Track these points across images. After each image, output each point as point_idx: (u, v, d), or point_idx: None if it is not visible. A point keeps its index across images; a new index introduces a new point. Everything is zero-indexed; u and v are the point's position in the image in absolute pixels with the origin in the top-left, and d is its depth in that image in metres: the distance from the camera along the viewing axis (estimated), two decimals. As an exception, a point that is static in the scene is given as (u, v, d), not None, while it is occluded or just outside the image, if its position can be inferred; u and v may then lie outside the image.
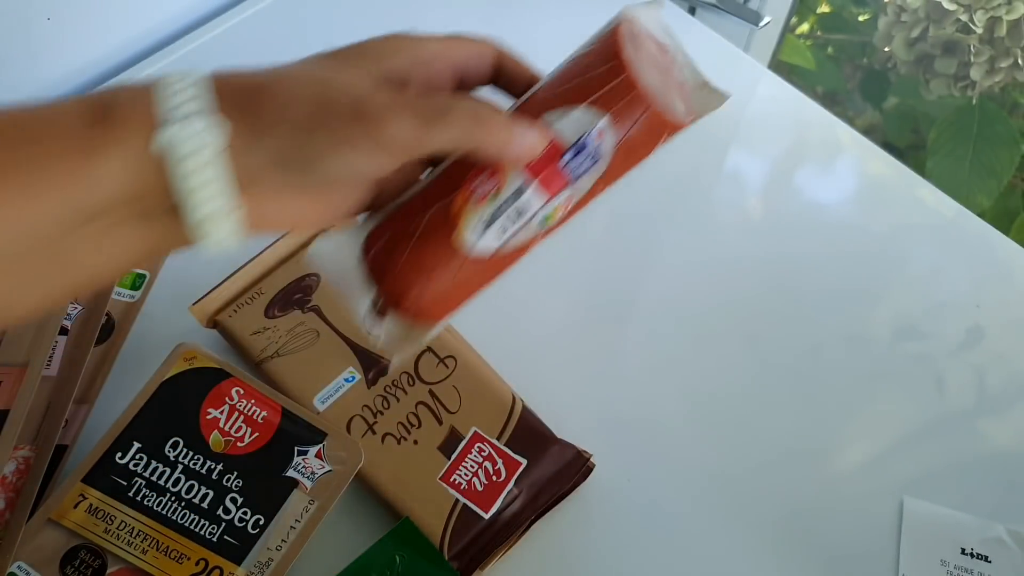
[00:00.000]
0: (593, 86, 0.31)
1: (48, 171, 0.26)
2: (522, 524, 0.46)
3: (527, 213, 0.31)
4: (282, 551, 0.44)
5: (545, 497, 0.47)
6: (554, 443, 0.48)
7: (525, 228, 0.31)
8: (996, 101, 1.08)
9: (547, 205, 0.31)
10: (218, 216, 0.27)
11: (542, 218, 0.31)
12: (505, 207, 0.30)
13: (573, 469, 0.48)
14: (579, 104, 0.31)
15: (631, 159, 0.32)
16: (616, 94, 0.30)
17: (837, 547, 0.48)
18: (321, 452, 0.47)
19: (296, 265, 0.53)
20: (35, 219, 0.26)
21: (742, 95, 0.70)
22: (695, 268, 0.58)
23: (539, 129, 0.30)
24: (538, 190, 0.30)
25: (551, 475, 0.47)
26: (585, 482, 0.48)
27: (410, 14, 0.73)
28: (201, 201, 0.27)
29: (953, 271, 0.60)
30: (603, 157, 0.31)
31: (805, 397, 0.53)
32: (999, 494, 0.50)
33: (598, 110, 0.30)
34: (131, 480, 0.45)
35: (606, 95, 0.30)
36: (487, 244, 0.31)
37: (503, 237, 0.31)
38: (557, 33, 0.74)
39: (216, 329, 0.52)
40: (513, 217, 0.31)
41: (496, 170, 0.31)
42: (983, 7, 1.00)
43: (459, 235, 0.31)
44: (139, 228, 0.28)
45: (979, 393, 0.54)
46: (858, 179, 0.65)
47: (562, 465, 0.48)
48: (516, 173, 0.30)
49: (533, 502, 0.46)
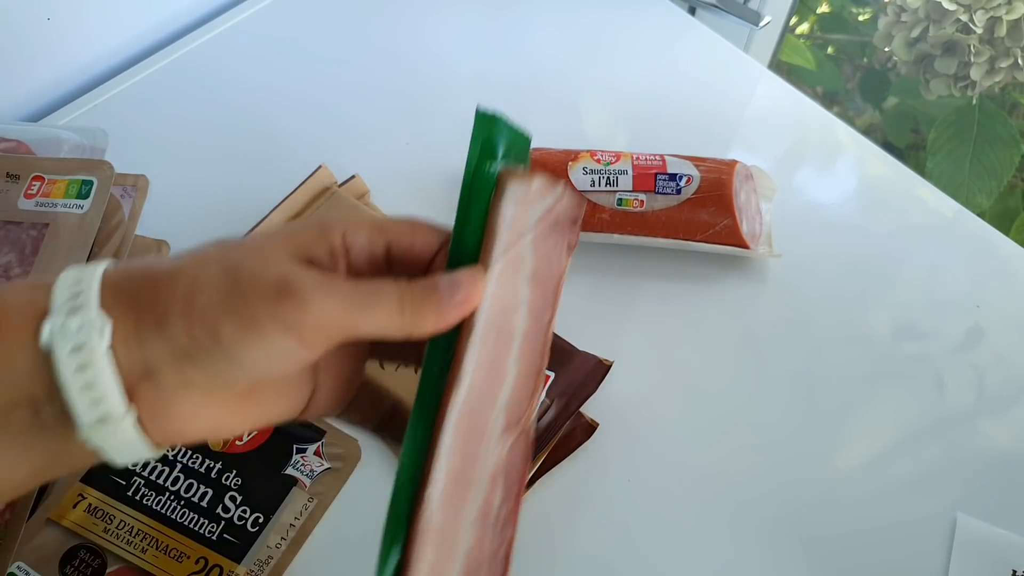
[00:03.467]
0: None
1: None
2: (558, 430, 0.49)
3: None
4: (282, 549, 0.44)
5: (575, 403, 0.50)
6: (576, 355, 0.52)
7: None
8: (996, 101, 1.08)
9: None
10: (111, 419, 0.24)
11: None
12: None
13: (596, 375, 0.51)
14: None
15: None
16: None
17: (833, 548, 0.48)
18: (320, 449, 0.47)
19: (306, 222, 0.54)
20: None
21: (742, 96, 0.70)
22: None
23: (470, 285, 0.28)
24: None
25: (578, 383, 0.50)
26: (585, 482, 0.49)
27: (410, 14, 0.73)
28: (90, 402, 0.24)
29: (953, 271, 0.60)
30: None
31: (804, 397, 0.53)
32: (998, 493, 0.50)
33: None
34: (130, 479, 0.45)
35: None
36: None
37: None
38: (557, 33, 0.75)
39: None
40: None
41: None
42: (983, 7, 1.00)
43: None
44: (29, 437, 0.24)
45: (979, 393, 0.54)
46: (858, 179, 0.65)
47: (585, 373, 0.51)
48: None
49: (566, 409, 0.49)
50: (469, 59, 0.71)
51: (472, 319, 0.28)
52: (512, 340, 0.29)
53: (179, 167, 0.62)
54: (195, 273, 0.25)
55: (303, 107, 0.66)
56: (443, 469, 0.27)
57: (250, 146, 0.64)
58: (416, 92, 0.68)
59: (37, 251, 0.50)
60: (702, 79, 0.70)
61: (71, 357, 0.24)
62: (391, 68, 0.69)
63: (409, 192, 0.60)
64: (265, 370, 0.25)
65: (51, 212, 0.51)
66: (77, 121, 0.65)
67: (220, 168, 0.62)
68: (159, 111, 0.66)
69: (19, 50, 0.64)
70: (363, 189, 0.59)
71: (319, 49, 0.71)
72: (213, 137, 0.64)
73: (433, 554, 0.27)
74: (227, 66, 0.69)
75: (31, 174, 0.53)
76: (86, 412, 0.24)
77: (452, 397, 0.28)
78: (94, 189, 0.52)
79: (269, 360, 0.25)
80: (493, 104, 0.31)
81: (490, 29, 0.74)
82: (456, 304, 0.27)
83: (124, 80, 0.68)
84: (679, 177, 0.56)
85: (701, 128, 0.66)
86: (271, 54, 0.70)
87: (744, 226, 0.56)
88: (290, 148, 0.63)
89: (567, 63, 0.71)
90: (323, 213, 0.55)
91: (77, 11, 0.66)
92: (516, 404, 0.29)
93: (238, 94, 0.67)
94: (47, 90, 0.67)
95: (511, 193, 0.30)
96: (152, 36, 0.71)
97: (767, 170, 0.59)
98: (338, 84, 0.68)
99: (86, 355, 0.24)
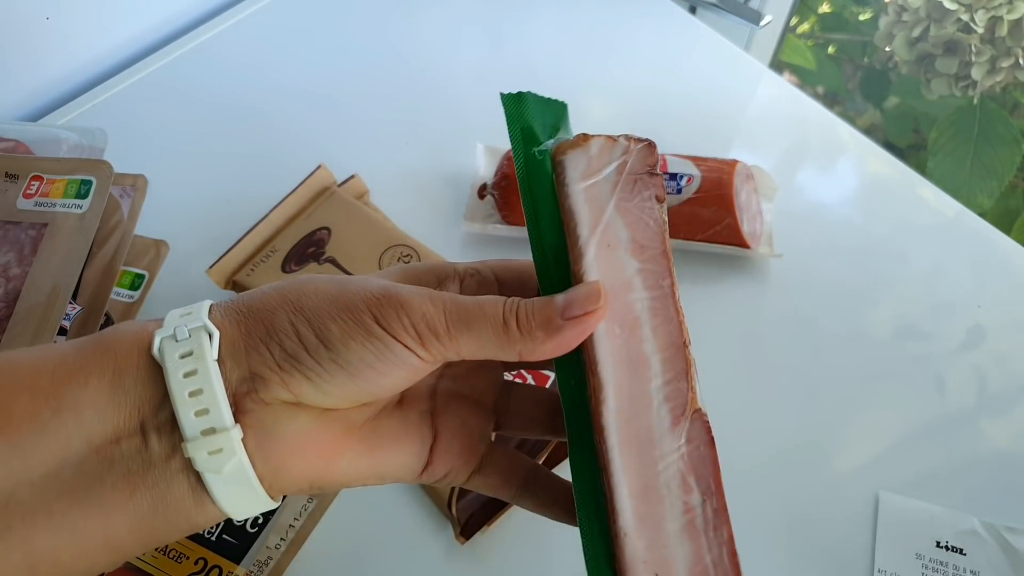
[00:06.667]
0: None
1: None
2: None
3: None
4: (281, 549, 0.44)
5: None
6: None
7: None
8: (997, 101, 1.08)
9: None
10: (216, 433, 0.24)
11: None
12: None
13: None
14: None
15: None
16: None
17: (814, 541, 0.48)
18: (320, 452, 0.47)
19: (306, 221, 0.54)
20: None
21: (743, 95, 0.70)
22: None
23: (587, 297, 0.25)
24: None
25: None
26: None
27: (410, 14, 0.73)
28: (196, 411, 0.24)
29: (954, 271, 0.59)
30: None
31: (804, 396, 0.53)
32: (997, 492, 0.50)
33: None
34: (130, 480, 0.45)
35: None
36: None
37: None
38: (557, 32, 0.74)
39: (235, 290, 0.53)
40: None
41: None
42: (984, 6, 1.00)
43: None
44: (135, 476, 0.24)
45: (979, 393, 0.54)
46: (859, 179, 0.65)
47: None
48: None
49: None
50: (469, 58, 0.70)
51: None
52: (639, 322, 0.26)
53: (178, 167, 0.61)
54: (303, 286, 0.26)
55: (302, 107, 0.66)
56: (625, 492, 0.25)
57: (249, 146, 0.64)
58: (416, 92, 0.68)
59: (36, 251, 0.50)
60: (703, 78, 0.70)
61: (180, 364, 0.24)
62: (391, 68, 0.69)
63: (409, 192, 0.60)
64: (371, 377, 0.25)
65: (50, 212, 0.51)
66: (76, 121, 0.65)
67: (219, 168, 0.62)
68: (158, 111, 0.66)
69: (18, 49, 0.64)
70: (363, 189, 0.59)
71: (318, 48, 0.71)
72: (212, 137, 0.64)
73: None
74: (226, 65, 0.69)
75: (30, 174, 0.52)
76: (192, 424, 0.24)
77: (601, 409, 0.25)
78: (93, 189, 0.52)
79: (375, 363, 0.25)
80: (493, 104, 0.30)
81: (490, 28, 0.74)
82: (574, 316, 0.25)
83: (123, 80, 0.68)
84: (680, 177, 0.56)
85: (702, 128, 0.66)
86: (270, 54, 0.70)
87: (745, 226, 0.56)
88: (290, 148, 0.63)
89: (567, 62, 0.71)
90: (322, 212, 0.55)
91: (76, 11, 0.65)
92: (674, 389, 0.26)
93: (237, 93, 0.67)
94: (46, 89, 0.67)
95: (572, 167, 0.27)
96: (151, 36, 0.71)
97: (768, 170, 0.59)
98: (338, 84, 0.68)
99: (194, 362, 0.24)
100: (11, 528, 0.23)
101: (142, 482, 0.24)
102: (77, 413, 0.24)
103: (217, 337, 0.25)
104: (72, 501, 0.23)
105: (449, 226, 0.58)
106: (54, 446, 0.23)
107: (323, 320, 0.25)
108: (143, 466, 0.24)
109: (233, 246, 0.53)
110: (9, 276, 0.49)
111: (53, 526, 0.23)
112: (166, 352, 0.24)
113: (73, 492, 0.23)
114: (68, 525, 0.23)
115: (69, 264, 0.49)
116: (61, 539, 0.23)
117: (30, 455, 0.23)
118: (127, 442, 0.24)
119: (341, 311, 0.25)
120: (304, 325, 0.25)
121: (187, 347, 0.24)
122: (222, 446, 0.24)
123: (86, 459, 0.24)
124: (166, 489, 0.24)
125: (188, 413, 0.24)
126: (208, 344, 0.24)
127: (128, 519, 0.24)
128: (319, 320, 0.25)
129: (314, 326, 0.25)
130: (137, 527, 0.24)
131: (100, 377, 0.24)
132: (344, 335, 0.24)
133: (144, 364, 0.24)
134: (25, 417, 0.23)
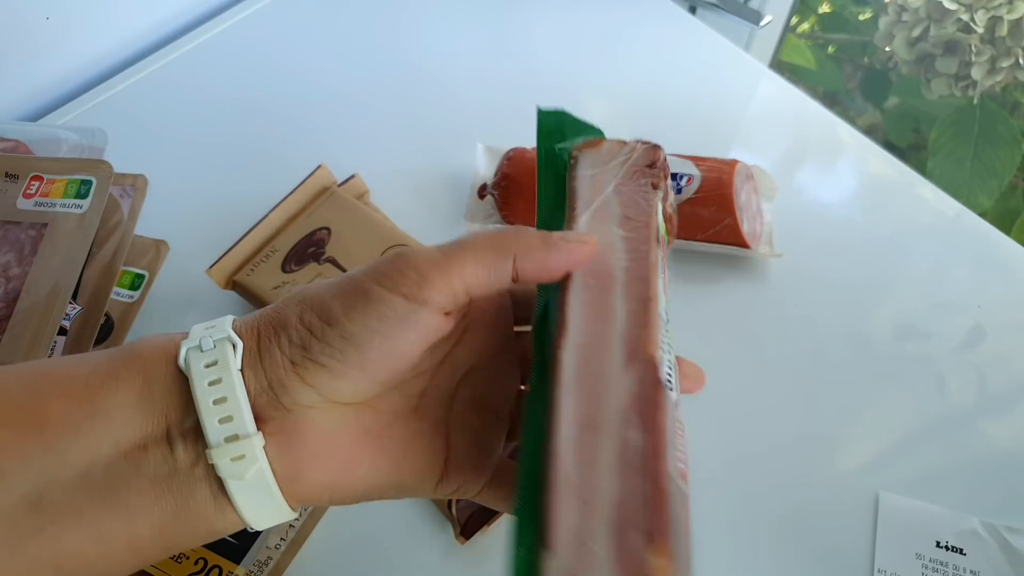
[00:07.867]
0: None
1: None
2: None
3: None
4: (281, 550, 0.44)
5: None
6: None
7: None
8: (997, 101, 1.08)
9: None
10: (239, 440, 0.25)
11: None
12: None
13: None
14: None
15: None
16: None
17: (814, 541, 0.48)
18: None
19: (306, 221, 0.54)
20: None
21: (743, 95, 0.70)
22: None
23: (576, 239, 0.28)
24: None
25: None
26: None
27: (410, 14, 0.73)
28: (220, 418, 0.25)
29: (954, 271, 0.59)
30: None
31: (804, 396, 0.53)
32: (997, 492, 0.49)
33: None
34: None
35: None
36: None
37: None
38: (557, 32, 0.74)
39: (235, 290, 0.53)
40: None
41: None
42: (984, 6, 1.00)
43: None
44: (160, 483, 0.25)
45: (979, 393, 0.54)
46: (859, 179, 0.65)
47: None
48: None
49: None
50: (469, 58, 0.70)
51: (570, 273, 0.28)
52: (614, 279, 0.29)
53: (178, 167, 0.61)
54: (309, 286, 0.27)
55: (303, 106, 0.66)
56: (569, 417, 0.25)
57: (249, 145, 0.64)
58: (416, 92, 0.68)
59: (36, 251, 0.50)
60: (703, 78, 0.70)
61: (205, 373, 0.25)
62: (391, 68, 0.69)
63: (409, 192, 0.60)
64: (381, 344, 0.25)
65: (50, 212, 0.51)
66: (76, 121, 0.65)
67: (219, 167, 0.62)
68: (158, 111, 0.66)
69: (18, 49, 0.64)
70: (363, 189, 0.59)
71: (318, 49, 0.71)
72: (212, 136, 0.64)
73: (575, 513, 0.24)
74: (226, 65, 0.69)
75: (30, 174, 0.52)
76: (216, 431, 0.24)
77: (561, 342, 0.26)
78: (93, 189, 0.52)
79: (380, 327, 0.25)
80: (493, 104, 0.31)
81: (490, 28, 0.74)
82: (565, 243, 0.28)
83: (123, 80, 0.68)
84: (680, 176, 0.56)
85: (702, 128, 0.66)
86: (270, 54, 0.70)
87: (745, 226, 0.56)
88: (290, 147, 0.63)
89: (567, 62, 0.71)
90: (323, 212, 0.55)
91: (76, 10, 0.65)
92: (633, 335, 0.27)
93: (237, 93, 0.67)
94: (46, 89, 0.67)
95: (584, 160, 0.31)
96: (151, 36, 0.71)
97: (768, 170, 0.59)
98: (338, 84, 0.68)
99: (219, 371, 0.25)
100: (43, 528, 0.24)
101: (167, 487, 0.25)
102: (108, 418, 0.25)
103: (240, 347, 0.26)
104: (100, 503, 0.24)
105: (449, 226, 0.58)
106: (85, 449, 0.24)
107: (326, 302, 0.26)
108: (168, 472, 0.25)
109: (233, 246, 0.53)
110: (9, 276, 0.49)
111: (82, 527, 0.24)
112: (192, 362, 0.25)
113: (101, 495, 0.24)
114: (95, 526, 0.24)
115: (69, 264, 0.49)
116: (88, 540, 0.24)
117: (63, 457, 0.24)
118: (154, 448, 0.25)
119: (342, 289, 0.26)
120: (309, 312, 0.26)
121: (212, 357, 0.25)
122: (244, 452, 0.25)
123: (114, 463, 0.24)
124: (189, 495, 0.25)
125: (212, 420, 0.25)
126: (232, 354, 0.25)
127: (152, 523, 0.25)
128: (322, 303, 0.26)
129: (317, 310, 0.26)
130: (160, 531, 0.25)
131: (130, 384, 0.25)
132: (346, 307, 0.25)
133: (171, 373, 0.25)
134: (60, 420, 0.24)
